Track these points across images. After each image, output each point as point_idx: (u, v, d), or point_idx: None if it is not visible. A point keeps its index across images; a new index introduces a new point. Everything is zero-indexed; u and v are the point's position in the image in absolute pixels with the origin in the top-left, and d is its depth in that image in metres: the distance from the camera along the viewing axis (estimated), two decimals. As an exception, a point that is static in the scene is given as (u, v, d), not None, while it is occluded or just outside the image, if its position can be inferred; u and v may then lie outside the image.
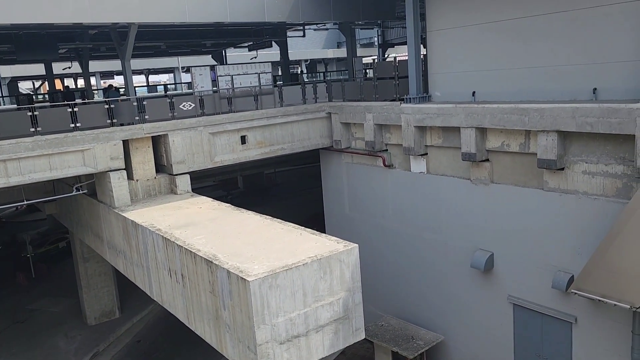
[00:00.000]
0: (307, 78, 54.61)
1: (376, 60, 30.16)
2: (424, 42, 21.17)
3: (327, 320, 12.02)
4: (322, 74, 58.92)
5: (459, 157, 17.61)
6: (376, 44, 42.32)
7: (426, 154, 19.29)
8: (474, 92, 18.19)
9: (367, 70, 32.76)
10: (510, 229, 16.67)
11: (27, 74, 48.13)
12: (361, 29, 44.08)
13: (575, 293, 13.59)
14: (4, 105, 39.21)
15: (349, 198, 23.29)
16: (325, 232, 16.09)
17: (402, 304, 21.24)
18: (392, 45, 38.65)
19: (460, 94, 18.66)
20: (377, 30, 37.67)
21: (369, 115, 20.83)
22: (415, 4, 19.26)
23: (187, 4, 19.56)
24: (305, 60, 64.34)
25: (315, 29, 33.52)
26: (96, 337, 26.13)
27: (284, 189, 42.84)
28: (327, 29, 38.37)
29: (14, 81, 49.17)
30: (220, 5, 20.39)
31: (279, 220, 14.99)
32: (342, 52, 55.26)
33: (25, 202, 19.26)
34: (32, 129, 16.65)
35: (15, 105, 30.52)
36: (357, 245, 12.50)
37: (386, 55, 38.39)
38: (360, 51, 52.05)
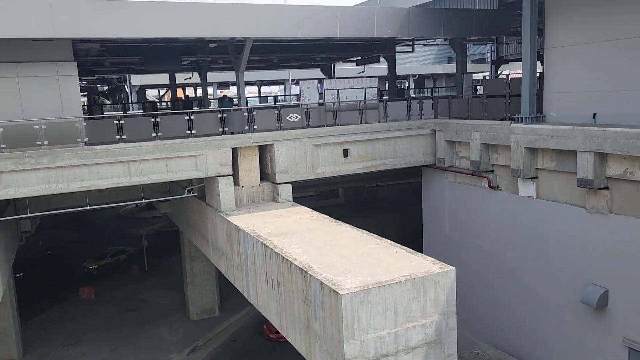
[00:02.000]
0: (415, 93, 54.05)
1: (487, 77, 29.09)
2: (540, 59, 20.09)
3: (418, 342, 11.68)
4: (429, 90, 58.04)
5: (573, 182, 16.37)
6: (489, 60, 40.84)
7: (536, 177, 18.17)
8: (594, 114, 16.86)
9: (478, 87, 31.69)
10: (630, 265, 15.11)
11: (153, 83, 52.71)
12: (473, 44, 42.84)
13: None
14: (133, 110, 43.14)
15: (450, 218, 22.57)
16: (421, 251, 15.71)
17: (500, 333, 20.07)
18: (507, 62, 37.08)
19: (578, 116, 17.40)
20: (491, 46, 36.34)
21: (475, 134, 20.10)
22: (533, 19, 18.33)
23: (299, 20, 20.29)
24: (414, 75, 63.76)
25: (425, 45, 33.11)
26: (197, 332, 27.63)
27: (383, 203, 42.54)
28: (437, 45, 37.73)
29: (142, 89, 54.15)
30: (330, 22, 20.90)
31: (375, 235, 14.89)
32: (452, 68, 54.00)
33: (144, 201, 20.95)
34: (154, 134, 18.13)
35: (141, 112, 33.47)
36: (454, 268, 12.04)
37: (499, 72, 36.89)
38: (471, 67, 50.62)
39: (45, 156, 16.42)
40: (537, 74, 19.60)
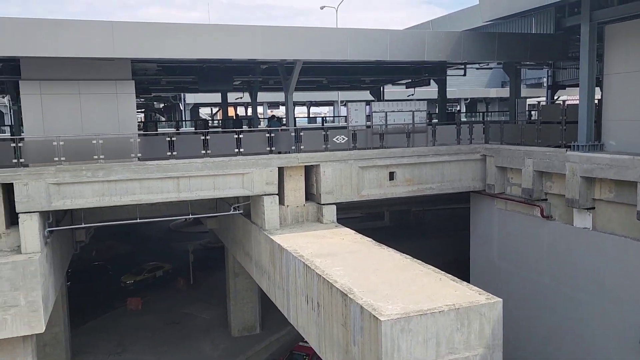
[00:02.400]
0: (466, 117, 53.20)
1: (542, 103, 28.26)
2: (599, 85, 19.36)
3: (460, 376, 11.22)
4: (481, 114, 57.02)
5: (633, 215, 15.52)
6: (545, 85, 39.73)
7: (593, 208, 17.34)
8: (657, 144, 16.01)
9: (532, 113, 30.85)
10: (695, 307, 14.09)
11: (207, 101, 54.29)
12: (529, 69, 41.82)
13: None
14: (186, 128, 44.50)
15: (499, 246, 21.82)
16: (468, 280, 15.23)
17: (550, 371, 19.07)
18: (564, 87, 35.97)
19: (639, 145, 16.54)
20: (547, 71, 35.37)
21: (528, 160, 19.47)
22: (592, 44, 17.74)
23: (349, 44, 20.42)
24: (465, 99, 62.83)
25: (477, 68, 32.60)
26: (237, 348, 27.68)
27: (430, 228, 41.78)
28: (490, 68, 37.06)
29: (196, 107, 55.91)
30: (380, 45, 20.92)
31: (419, 261, 14.56)
32: (506, 92, 52.89)
33: (191, 216, 21.40)
34: (203, 152, 18.57)
35: (193, 129, 34.46)
36: (501, 300, 11.56)
37: (556, 98, 35.80)
38: (526, 92, 49.38)
39: (101, 170, 17.10)
40: (596, 101, 18.85)
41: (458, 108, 62.02)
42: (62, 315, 25.36)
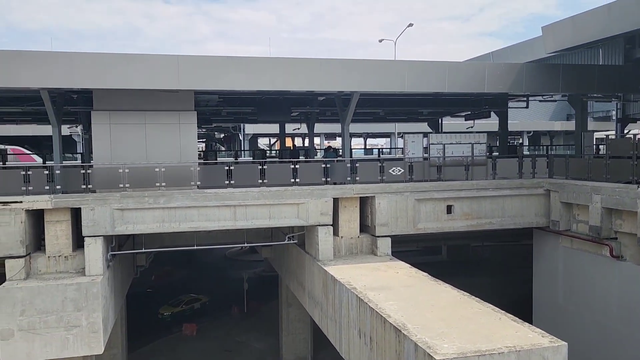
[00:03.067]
0: (529, 150, 51.50)
1: (610, 136, 26.94)
2: (675, 118, 18.26)
3: None
4: (545, 148, 55.06)
5: None
6: (614, 118, 37.94)
7: (669, 248, 16.14)
8: None
9: (600, 147, 29.46)
10: None
11: (265, 132, 55.52)
12: (596, 101, 40.13)
13: None
14: (244, 157, 45.53)
15: (564, 286, 20.63)
16: (530, 321, 14.41)
17: None
18: (634, 121, 34.18)
19: None
20: (616, 104, 33.78)
21: (596, 196, 18.48)
22: (666, 75, 16.83)
23: (406, 76, 20.41)
24: (528, 132, 61.00)
25: (540, 100, 31.63)
26: (288, 381, 27.35)
27: (490, 264, 40.20)
28: (554, 101, 35.87)
29: (254, 137, 57.30)
30: (439, 77, 20.78)
31: (477, 298, 13.96)
32: (571, 125, 50.93)
33: (247, 244, 21.63)
34: (260, 181, 18.87)
35: (251, 159, 35.20)
36: (566, 344, 10.83)
37: (626, 131, 34.06)
38: (593, 125, 47.37)
39: (162, 197, 17.71)
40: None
41: (520, 141, 60.23)
42: (120, 337, 26.04)
